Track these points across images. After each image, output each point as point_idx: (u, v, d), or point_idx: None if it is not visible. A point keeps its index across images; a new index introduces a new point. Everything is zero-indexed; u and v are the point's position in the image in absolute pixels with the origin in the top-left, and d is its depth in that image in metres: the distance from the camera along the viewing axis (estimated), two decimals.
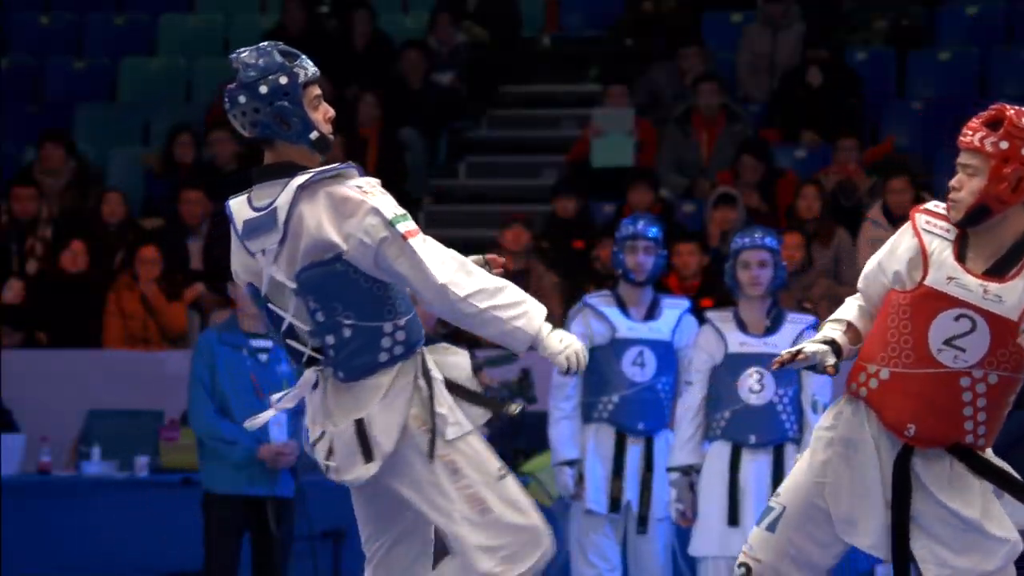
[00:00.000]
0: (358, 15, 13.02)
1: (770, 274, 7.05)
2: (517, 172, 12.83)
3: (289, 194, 4.41)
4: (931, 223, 4.57)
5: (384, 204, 4.41)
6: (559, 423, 7.45)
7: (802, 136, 11.91)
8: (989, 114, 4.54)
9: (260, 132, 4.47)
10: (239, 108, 4.45)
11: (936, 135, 12.00)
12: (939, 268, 4.47)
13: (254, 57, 4.46)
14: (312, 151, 4.50)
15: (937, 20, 12.77)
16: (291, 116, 4.43)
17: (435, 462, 4.46)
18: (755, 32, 12.47)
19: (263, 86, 4.43)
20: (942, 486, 4.45)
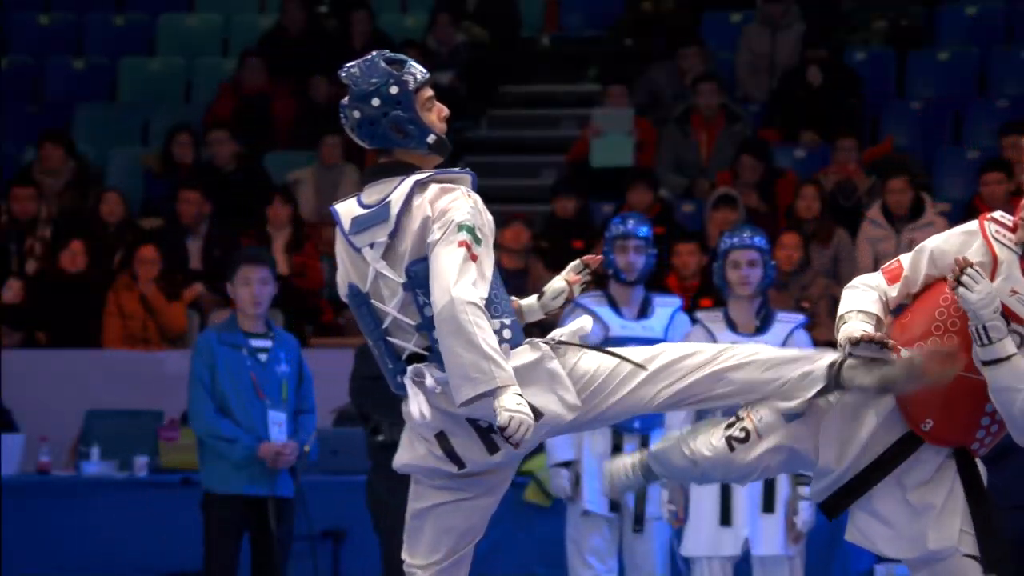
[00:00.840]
0: (357, 15, 13.03)
1: (760, 274, 7.04)
2: (517, 172, 12.83)
3: (405, 188, 4.41)
4: (1000, 233, 4.51)
5: (470, 212, 4.37)
6: None
7: (801, 136, 11.91)
8: None
9: (379, 143, 4.47)
10: (354, 122, 4.47)
11: (935, 135, 12.01)
12: (1006, 279, 4.43)
13: (362, 71, 4.47)
14: (429, 154, 4.50)
15: (936, 20, 12.77)
16: (406, 124, 4.44)
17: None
18: (754, 32, 12.47)
19: (375, 99, 4.43)
20: (917, 480, 4.45)
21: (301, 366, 7.42)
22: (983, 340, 4.28)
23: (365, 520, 7.14)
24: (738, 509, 6.99)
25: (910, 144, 11.83)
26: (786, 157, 11.76)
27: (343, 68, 4.50)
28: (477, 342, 4.24)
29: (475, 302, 4.27)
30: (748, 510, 6.99)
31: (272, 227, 11.04)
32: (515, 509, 8.48)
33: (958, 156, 11.56)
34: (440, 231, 4.34)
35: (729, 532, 7.01)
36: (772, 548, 7.00)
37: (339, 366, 7.61)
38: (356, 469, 7.76)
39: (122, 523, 8.66)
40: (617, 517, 7.43)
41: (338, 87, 12.69)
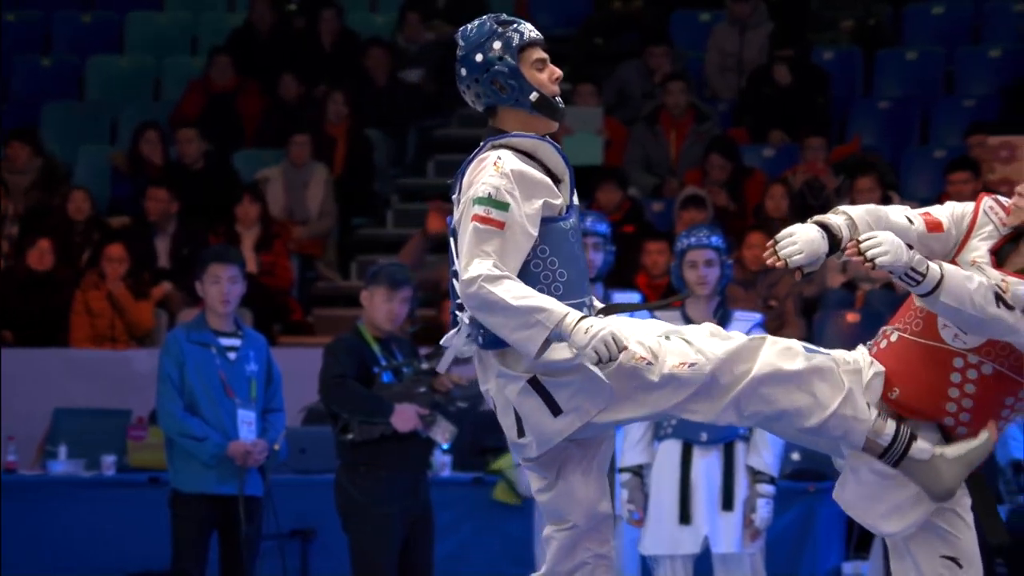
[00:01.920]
0: (326, 13, 13.01)
1: (717, 273, 7.07)
2: None
3: (477, 153, 4.41)
4: (993, 210, 4.57)
5: (490, 182, 4.29)
6: None
7: (770, 135, 11.94)
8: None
9: (486, 102, 4.44)
10: (464, 83, 4.45)
11: (903, 134, 12.05)
12: (972, 250, 4.51)
13: (470, 30, 4.48)
14: (534, 113, 4.43)
15: (904, 20, 12.82)
16: (507, 79, 4.39)
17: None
18: (723, 31, 12.50)
19: (478, 55, 4.42)
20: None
21: (270, 365, 7.41)
22: (916, 279, 4.33)
23: (334, 519, 7.13)
24: (697, 508, 7.03)
25: (878, 143, 11.87)
26: (754, 156, 11.79)
27: (458, 31, 4.49)
28: (507, 304, 4.20)
29: (486, 274, 4.22)
30: (707, 508, 7.02)
31: (241, 225, 11.02)
32: (484, 508, 8.48)
33: (925, 155, 11.61)
34: (461, 212, 4.34)
35: (689, 530, 7.05)
36: (731, 546, 7.04)
37: (308, 365, 7.60)
38: (325, 468, 7.75)
39: (90, 522, 8.63)
40: None
41: (307, 86, 12.75)
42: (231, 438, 7.22)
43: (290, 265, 11.20)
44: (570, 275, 4.33)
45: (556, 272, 4.30)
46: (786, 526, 8.11)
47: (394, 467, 6.97)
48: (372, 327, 7.09)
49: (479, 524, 8.50)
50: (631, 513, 7.16)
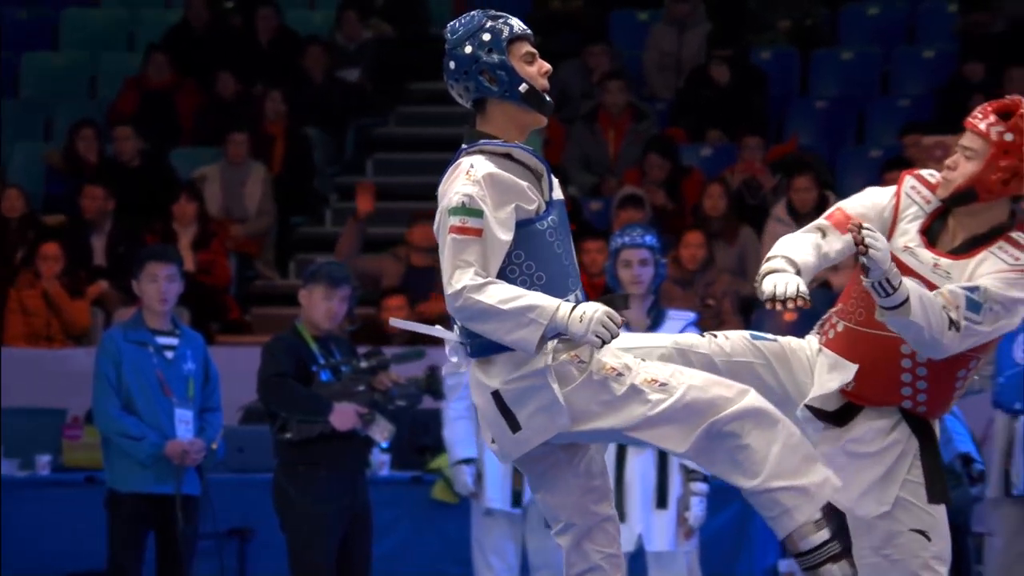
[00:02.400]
0: (263, 11, 12.96)
1: (651, 272, 7.09)
2: (425, 169, 12.80)
3: (454, 160, 4.37)
4: (916, 189, 4.61)
5: (462, 191, 4.24)
6: (453, 423, 7.47)
7: (708, 135, 12.00)
8: (1002, 103, 4.56)
9: (473, 96, 4.37)
10: (452, 76, 4.37)
11: (839, 134, 12.14)
12: (902, 235, 4.54)
13: (458, 23, 4.42)
14: (524, 107, 4.36)
15: (840, 20, 12.91)
16: (496, 70, 4.33)
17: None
18: (661, 31, 12.55)
19: (467, 47, 4.35)
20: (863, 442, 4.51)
21: (207, 364, 7.38)
22: (887, 291, 4.33)
23: (271, 518, 7.11)
24: (631, 506, 7.06)
25: (814, 143, 11.94)
26: (692, 155, 11.84)
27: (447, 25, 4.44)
28: (497, 309, 4.18)
29: (470, 284, 4.20)
30: (641, 507, 7.06)
31: (178, 224, 10.96)
32: (423, 507, 8.48)
33: (861, 155, 11.69)
34: (438, 223, 4.32)
35: (622, 528, 7.07)
36: (664, 544, 7.07)
37: (246, 364, 7.57)
38: (263, 467, 7.73)
39: (25, 522, 8.56)
40: (521, 513, 7.46)
41: (244, 84, 12.70)
42: (168, 437, 7.18)
43: (228, 264, 11.15)
44: (549, 276, 4.29)
45: (533, 276, 4.27)
46: (722, 525, 8.15)
47: (332, 466, 6.95)
48: (311, 326, 7.07)
49: (418, 523, 8.49)
50: None
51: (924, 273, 4.48)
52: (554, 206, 4.34)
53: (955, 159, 4.54)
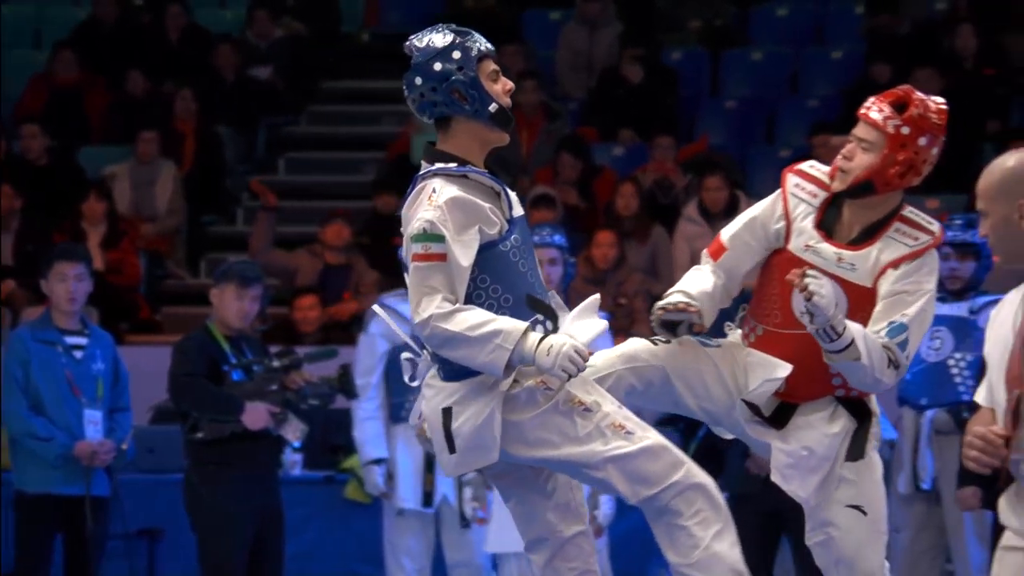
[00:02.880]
0: (172, 8, 12.87)
1: (560, 271, 7.13)
2: (337, 168, 12.79)
3: (414, 184, 4.33)
4: (800, 187, 4.63)
5: (424, 217, 4.22)
6: (363, 423, 7.47)
7: (620, 134, 12.05)
8: (896, 95, 4.58)
9: (439, 112, 4.33)
10: (416, 91, 4.32)
11: (749, 134, 12.24)
12: (799, 234, 4.56)
13: (425, 37, 4.38)
14: (491, 126, 4.35)
15: (749, 21, 13.01)
16: (468, 89, 4.31)
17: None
18: (573, 30, 12.59)
19: (437, 63, 4.31)
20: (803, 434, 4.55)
21: (117, 364, 7.32)
22: (831, 337, 4.37)
23: (182, 518, 7.06)
24: None
25: (725, 142, 12.03)
26: (605, 155, 11.89)
27: (408, 40, 4.39)
28: (464, 336, 4.17)
29: (436, 312, 4.19)
30: None
31: (87, 223, 10.86)
32: (335, 506, 8.45)
33: (771, 154, 11.79)
34: (405, 248, 4.29)
35: None
36: None
37: (156, 363, 7.52)
38: (173, 467, 7.68)
39: None
40: (432, 513, 7.47)
41: (154, 82, 12.60)
42: (77, 438, 7.12)
43: (138, 263, 11.07)
44: (515, 297, 4.29)
45: (500, 298, 4.26)
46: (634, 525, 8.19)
47: (244, 466, 6.92)
48: (222, 325, 7.03)
49: (330, 522, 8.47)
50: (475, 512, 7.20)
51: (830, 269, 4.50)
52: (515, 224, 4.34)
53: (850, 149, 4.55)
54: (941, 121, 4.57)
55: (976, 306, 7.22)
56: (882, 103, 4.54)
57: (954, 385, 7.20)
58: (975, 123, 10.99)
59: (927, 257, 4.52)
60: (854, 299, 4.50)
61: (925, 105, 4.54)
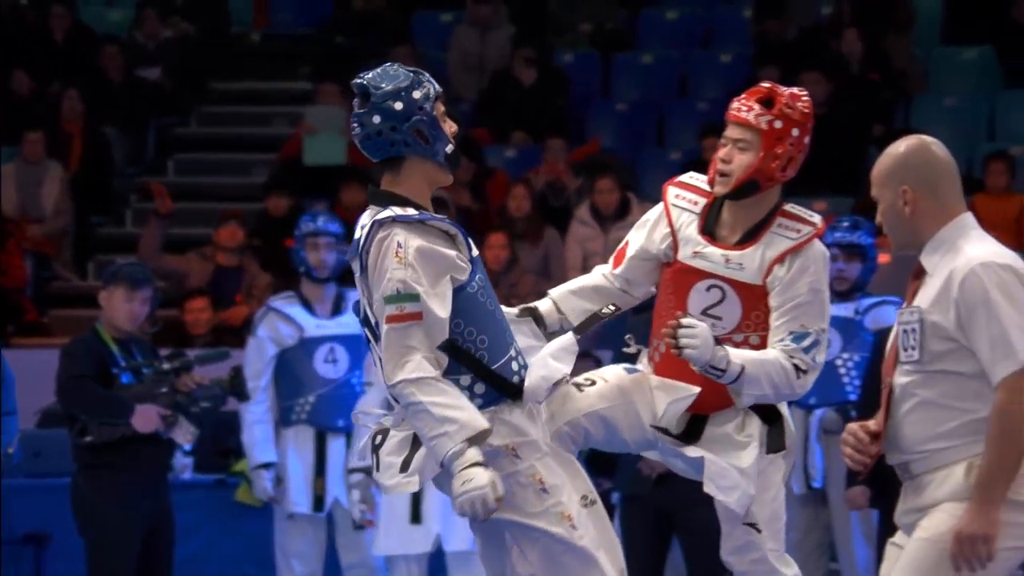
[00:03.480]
0: (58, 8, 12.72)
1: None
2: (228, 169, 12.71)
3: (366, 229, 4.28)
4: (680, 196, 4.69)
5: (396, 277, 4.20)
6: (252, 427, 7.45)
7: (512, 136, 12.08)
8: (761, 92, 4.62)
9: (394, 152, 4.31)
10: (372, 129, 4.28)
11: (640, 136, 12.32)
12: (686, 243, 4.60)
13: (382, 77, 4.34)
14: (443, 167, 4.36)
15: (639, 24, 13.10)
16: (429, 129, 4.31)
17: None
18: (464, 32, 12.61)
19: (398, 103, 4.30)
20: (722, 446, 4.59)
21: (2, 367, 7.21)
22: (717, 374, 4.45)
23: (70, 523, 6.98)
24: (429, 507, 7.10)
25: (616, 145, 12.10)
26: (497, 156, 11.91)
27: (358, 77, 4.35)
28: (426, 409, 4.17)
29: (408, 378, 4.17)
30: (439, 507, 7.10)
31: None
32: (226, 509, 8.40)
33: (661, 156, 11.88)
34: (378, 308, 4.25)
35: (420, 530, 7.13)
36: (464, 543, 7.12)
37: (43, 366, 7.43)
38: (60, 471, 7.58)
39: None
40: (325, 517, 7.46)
41: (39, 82, 12.43)
42: None
43: (24, 264, 10.92)
44: (491, 337, 4.29)
45: (477, 340, 4.26)
46: None
47: (133, 469, 6.86)
48: (111, 327, 6.96)
49: (221, 526, 8.41)
50: (364, 514, 7.20)
51: (719, 271, 4.56)
52: (476, 263, 4.34)
53: (727, 153, 4.60)
54: (808, 111, 4.63)
55: (862, 307, 7.33)
56: (749, 101, 4.59)
57: (842, 385, 7.29)
58: (861, 126, 11.15)
59: (811, 251, 4.57)
60: (746, 297, 4.55)
61: (791, 97, 4.60)
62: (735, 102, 4.63)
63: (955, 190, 4.07)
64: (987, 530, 3.86)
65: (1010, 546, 3.91)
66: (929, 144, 4.08)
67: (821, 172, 10.64)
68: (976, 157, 11.00)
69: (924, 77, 11.98)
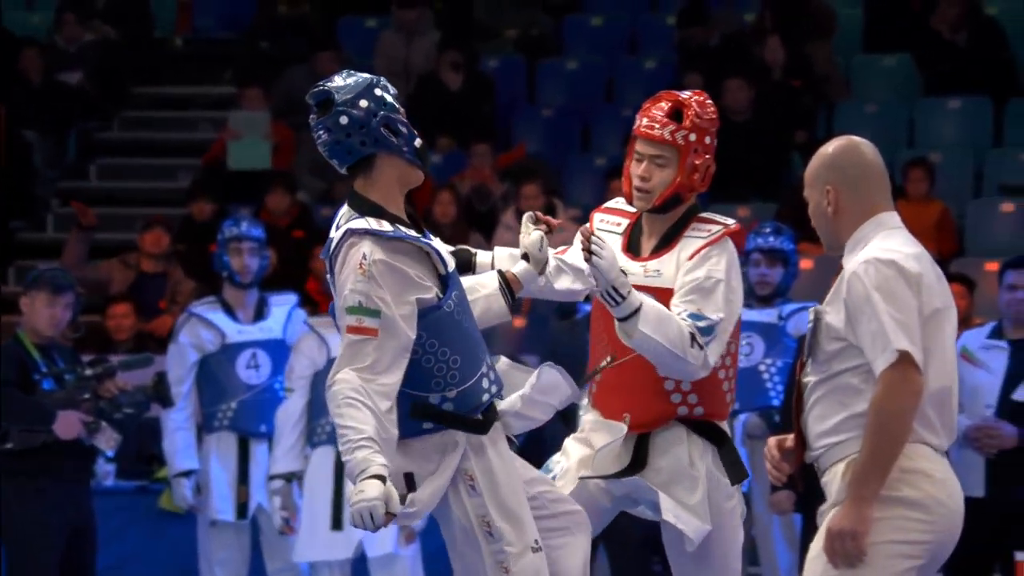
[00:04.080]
0: None
1: None
2: (151, 174, 12.63)
3: (339, 234, 4.29)
4: (604, 220, 4.75)
5: (358, 289, 4.20)
6: (173, 434, 7.43)
7: (438, 141, 12.08)
8: (669, 105, 4.65)
9: (362, 152, 4.29)
10: (341, 132, 4.28)
11: (565, 142, 12.36)
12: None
13: (343, 79, 4.36)
14: (412, 162, 4.36)
15: (564, 30, 13.15)
16: (397, 124, 4.32)
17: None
18: (390, 38, 12.59)
19: (363, 101, 4.31)
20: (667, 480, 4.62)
21: None
22: (616, 299, 4.45)
23: None
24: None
25: (542, 150, 12.13)
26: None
27: (315, 87, 4.35)
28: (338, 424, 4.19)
29: (336, 389, 4.17)
30: None
31: None
32: (150, 516, 8.35)
33: (587, 162, 11.92)
34: (339, 314, 4.26)
35: (341, 536, 7.12)
36: (385, 547, 7.12)
37: None
38: None
39: None
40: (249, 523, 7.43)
41: None
42: None
43: None
44: (463, 356, 4.28)
45: (448, 360, 4.26)
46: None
47: (55, 476, 6.81)
48: (33, 333, 6.91)
49: (144, 533, 8.36)
50: (285, 521, 7.18)
51: (639, 282, 4.60)
52: (452, 280, 4.33)
53: (646, 169, 4.63)
54: (715, 115, 4.69)
55: (784, 312, 7.39)
56: (658, 116, 4.63)
57: (765, 390, 7.35)
58: (783, 133, 11.24)
59: (719, 245, 4.62)
60: (667, 303, 4.58)
61: (699, 106, 4.65)
62: (643, 117, 4.66)
63: (878, 190, 4.10)
64: (855, 526, 3.87)
65: (890, 539, 3.91)
66: (856, 144, 4.12)
67: (744, 178, 10.73)
68: (896, 164, 11.12)
69: (846, 84, 12.09)
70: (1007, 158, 11.27)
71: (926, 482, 3.92)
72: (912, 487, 3.91)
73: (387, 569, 7.17)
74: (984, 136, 11.55)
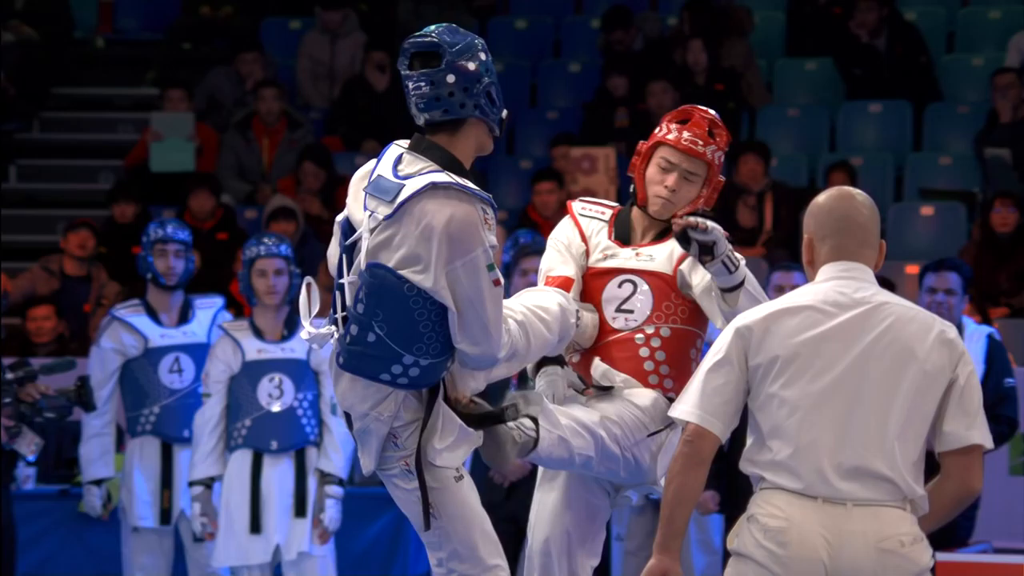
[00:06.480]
0: None
1: (286, 282, 7.16)
2: (73, 176, 12.52)
3: (417, 185, 4.17)
4: (586, 208, 4.83)
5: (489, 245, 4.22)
6: (90, 440, 7.38)
7: (364, 144, 12.06)
8: (704, 122, 4.77)
9: (462, 113, 4.20)
10: (445, 89, 4.16)
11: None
12: (597, 248, 4.74)
13: (449, 35, 4.20)
14: (493, 133, 4.28)
15: (488, 33, 13.16)
16: (496, 93, 4.22)
17: None
18: (314, 39, 12.56)
19: (472, 63, 4.19)
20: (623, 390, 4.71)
21: None
22: (733, 266, 4.52)
23: None
24: (268, 516, 7.09)
25: None
26: (348, 164, 11.87)
27: (419, 35, 4.18)
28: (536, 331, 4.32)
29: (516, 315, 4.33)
30: (279, 516, 7.11)
31: None
32: (71, 521, 8.29)
33: (512, 165, 11.94)
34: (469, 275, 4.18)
35: (260, 539, 7.11)
36: (301, 546, 7.12)
37: None
38: None
39: None
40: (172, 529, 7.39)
41: None
42: None
43: None
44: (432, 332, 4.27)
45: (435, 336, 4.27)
46: (380, 531, 8.22)
47: None
48: None
49: (65, 537, 8.29)
50: (205, 527, 7.15)
51: (630, 265, 4.71)
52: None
53: (676, 182, 4.71)
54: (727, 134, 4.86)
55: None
56: (702, 134, 4.74)
57: None
58: None
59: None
60: (657, 287, 4.69)
61: (723, 125, 4.83)
62: (684, 132, 4.74)
63: (842, 240, 3.98)
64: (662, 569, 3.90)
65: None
66: (833, 194, 4.04)
67: None
68: (818, 168, 11.22)
69: (768, 88, 12.18)
70: (927, 162, 11.40)
71: (758, 531, 3.86)
72: (741, 537, 3.90)
73: (301, 568, 7.16)
74: (904, 140, 11.68)
